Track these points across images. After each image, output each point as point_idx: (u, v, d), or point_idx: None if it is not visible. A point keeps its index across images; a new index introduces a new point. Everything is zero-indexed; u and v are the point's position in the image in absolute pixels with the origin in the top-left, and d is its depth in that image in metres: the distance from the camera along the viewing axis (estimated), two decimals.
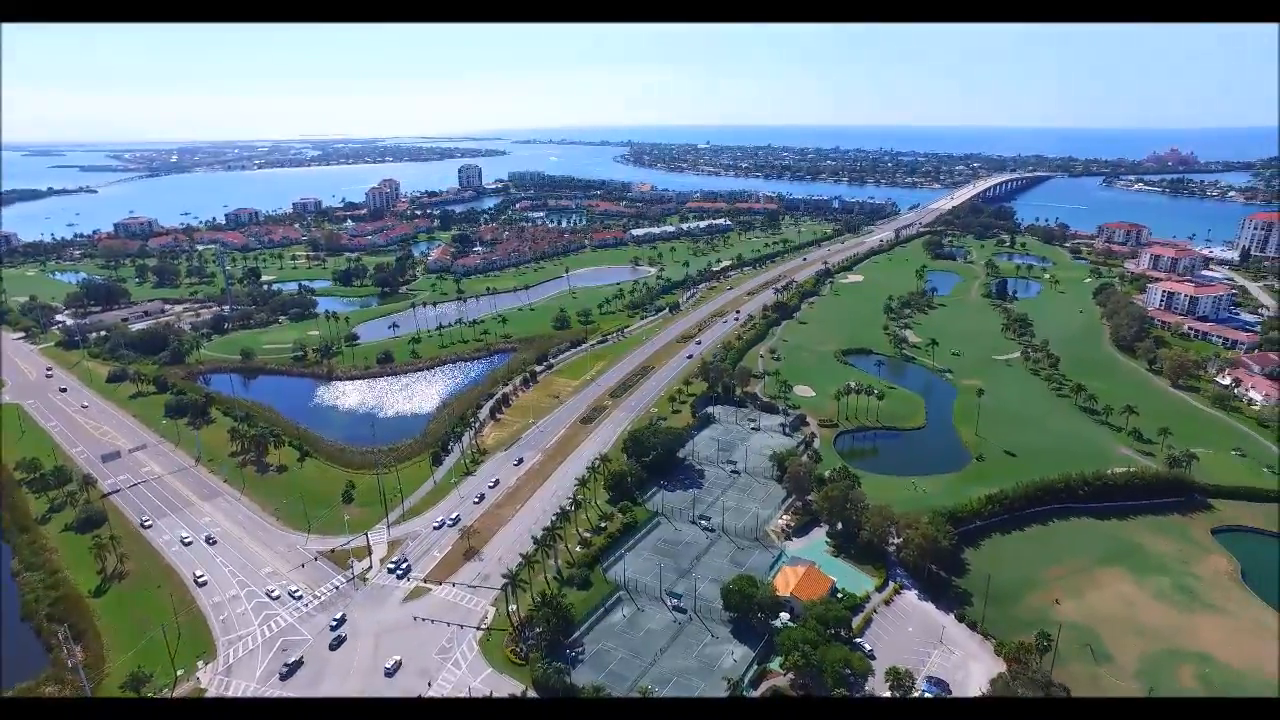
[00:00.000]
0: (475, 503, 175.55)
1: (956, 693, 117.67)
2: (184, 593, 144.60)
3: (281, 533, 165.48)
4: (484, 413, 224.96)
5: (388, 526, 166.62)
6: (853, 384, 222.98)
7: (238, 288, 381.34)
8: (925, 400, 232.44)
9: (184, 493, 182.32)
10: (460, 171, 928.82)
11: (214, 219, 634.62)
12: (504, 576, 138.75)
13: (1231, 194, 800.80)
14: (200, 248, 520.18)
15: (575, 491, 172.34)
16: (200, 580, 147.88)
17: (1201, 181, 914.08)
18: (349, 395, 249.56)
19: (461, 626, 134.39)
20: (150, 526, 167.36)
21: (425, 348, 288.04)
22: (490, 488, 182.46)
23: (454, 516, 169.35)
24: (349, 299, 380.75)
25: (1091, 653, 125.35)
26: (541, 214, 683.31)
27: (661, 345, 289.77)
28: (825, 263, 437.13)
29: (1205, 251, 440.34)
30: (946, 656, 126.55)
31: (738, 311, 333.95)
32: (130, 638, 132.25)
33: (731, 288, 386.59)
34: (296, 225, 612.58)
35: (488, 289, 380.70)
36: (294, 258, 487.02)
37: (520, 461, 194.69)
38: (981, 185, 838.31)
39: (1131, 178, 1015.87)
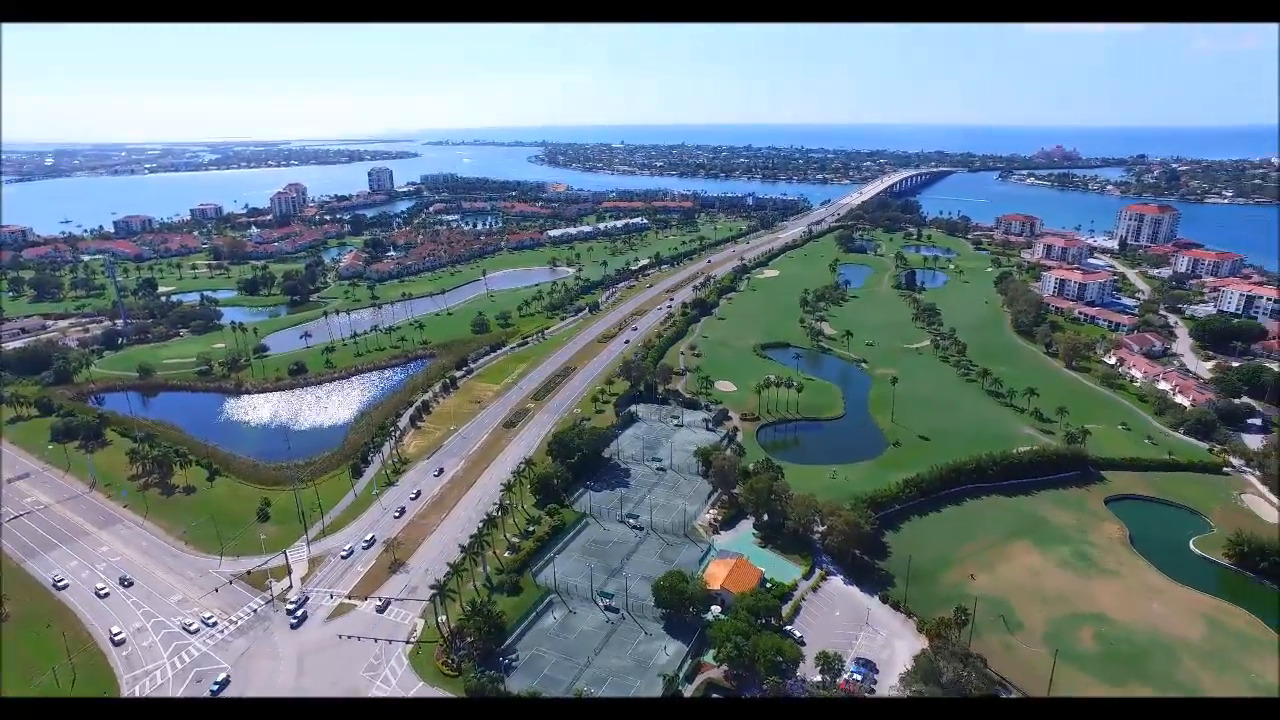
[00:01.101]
0: (398, 515, 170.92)
1: (883, 670, 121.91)
2: (78, 630, 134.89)
3: (192, 557, 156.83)
4: (404, 421, 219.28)
5: (308, 543, 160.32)
6: (772, 377, 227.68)
7: (131, 300, 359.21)
8: (843, 390, 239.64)
9: (77, 522, 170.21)
10: (370, 174, 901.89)
11: (101, 227, 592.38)
12: (432, 587, 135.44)
13: (1109, 188, 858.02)
14: (86, 258, 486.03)
15: (501, 497, 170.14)
16: (100, 615, 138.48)
17: (1083, 176, 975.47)
18: (260, 409, 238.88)
19: (390, 641, 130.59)
20: (36, 561, 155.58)
21: (340, 357, 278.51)
22: (413, 498, 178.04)
23: (373, 533, 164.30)
24: (256, 309, 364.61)
25: (1004, 622, 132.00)
26: (456, 217, 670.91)
27: (583, 345, 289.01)
28: (742, 259, 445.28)
29: (1090, 241, 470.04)
30: (873, 637, 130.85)
31: (657, 309, 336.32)
32: (16, 685, 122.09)
33: (651, 286, 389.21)
34: (195, 233, 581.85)
35: (403, 295, 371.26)
36: (194, 267, 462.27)
37: (440, 472, 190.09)
38: (888, 180, 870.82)
39: (1024, 172, 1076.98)
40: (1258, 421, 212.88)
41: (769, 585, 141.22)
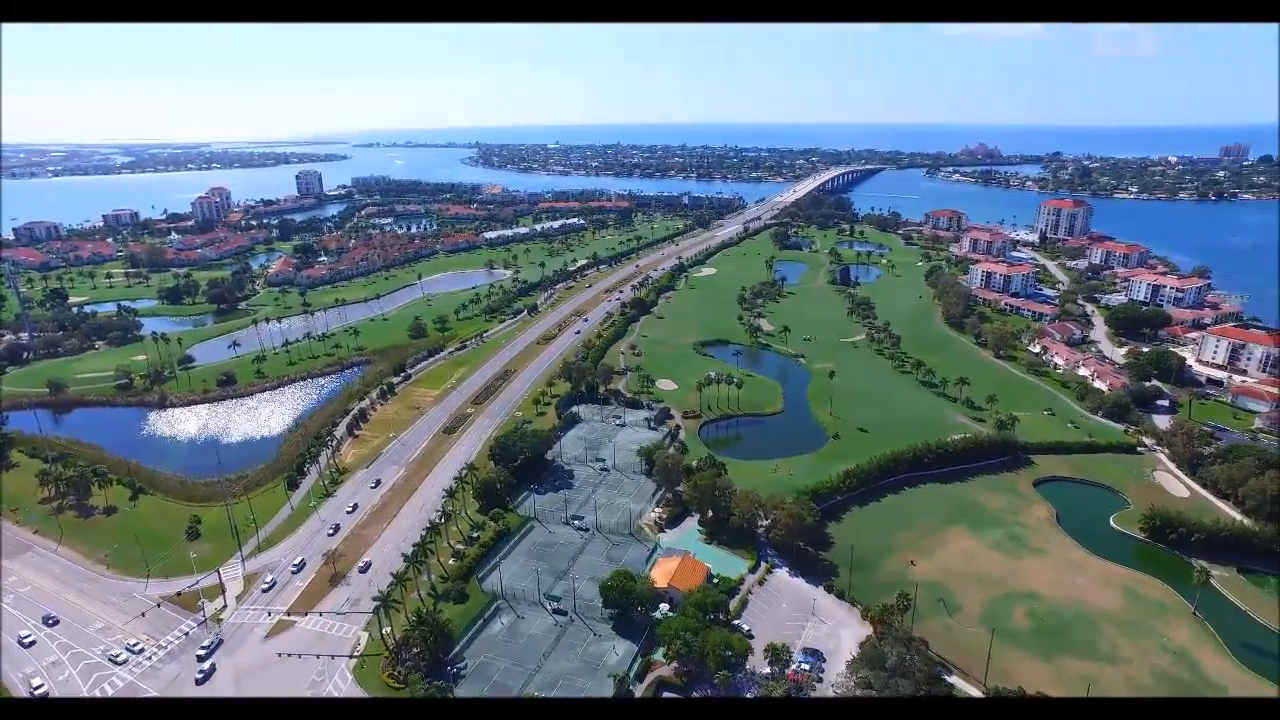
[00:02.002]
0: (333, 530, 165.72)
1: (830, 659, 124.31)
2: None
3: (114, 581, 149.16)
4: (341, 430, 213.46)
5: (242, 560, 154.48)
6: (713, 374, 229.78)
7: (38, 312, 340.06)
8: (782, 385, 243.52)
9: None
10: (299, 177, 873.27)
11: None
12: (375, 599, 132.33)
13: (1029, 184, 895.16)
14: None
15: (444, 504, 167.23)
16: (15, 659, 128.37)
17: (1005, 173, 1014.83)
18: (187, 423, 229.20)
19: (333, 657, 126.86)
20: None
21: (271, 366, 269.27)
22: (352, 509, 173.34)
23: (313, 544, 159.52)
24: (180, 318, 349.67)
25: (944, 605, 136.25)
26: (389, 220, 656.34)
27: (523, 348, 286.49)
28: (679, 258, 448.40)
29: (1013, 235, 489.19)
30: (819, 627, 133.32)
31: (597, 309, 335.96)
32: None
33: (590, 286, 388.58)
34: (110, 240, 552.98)
35: (336, 300, 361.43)
36: (109, 276, 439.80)
37: (377, 483, 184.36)
38: (821, 178, 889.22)
39: (950, 169, 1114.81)
40: (1165, 403, 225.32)
41: (716, 581, 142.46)
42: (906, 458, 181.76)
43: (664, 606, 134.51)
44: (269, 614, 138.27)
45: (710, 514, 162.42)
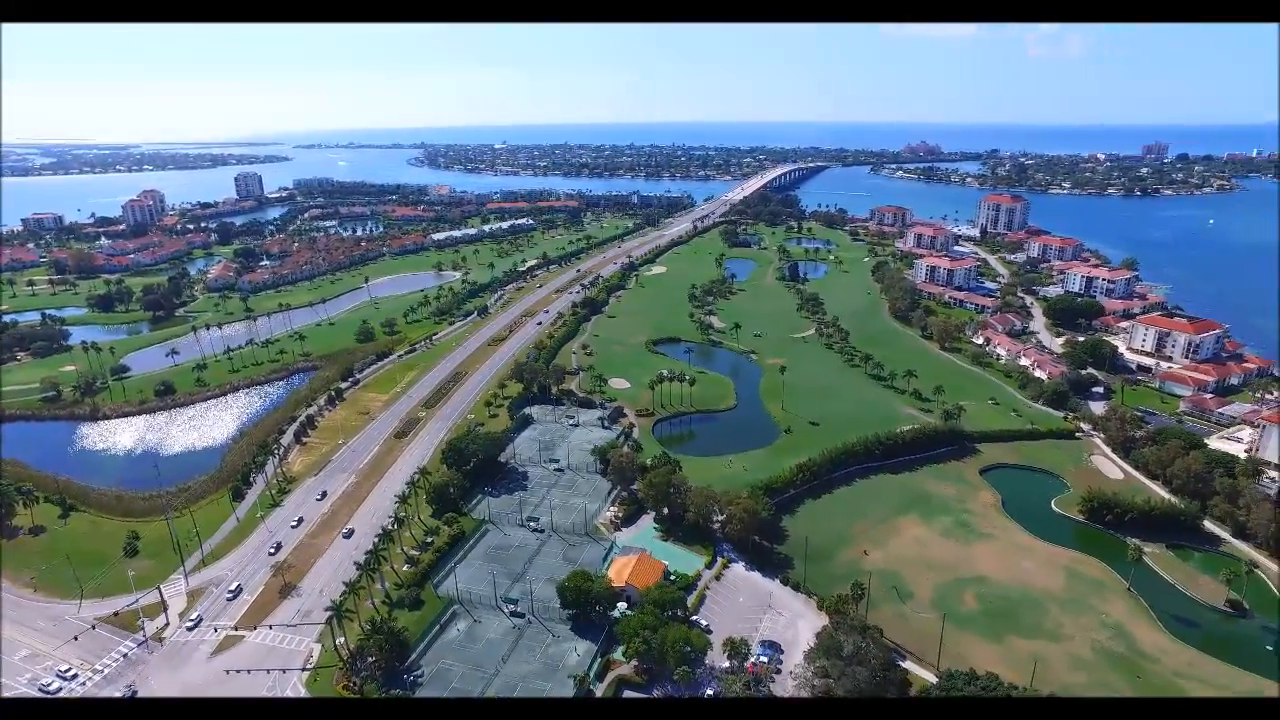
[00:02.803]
0: (280, 544, 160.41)
1: (788, 650, 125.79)
2: None
3: (42, 605, 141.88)
4: (288, 438, 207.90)
5: (185, 575, 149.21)
6: (665, 372, 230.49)
7: None
8: (734, 381, 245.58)
9: None
10: (238, 180, 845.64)
11: None
12: (327, 609, 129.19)
13: (969, 180, 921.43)
14: None
15: (396, 509, 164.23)
16: None
17: (946, 170, 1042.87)
18: (122, 435, 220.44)
19: (284, 671, 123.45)
20: None
21: (213, 374, 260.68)
22: (299, 522, 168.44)
23: (261, 556, 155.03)
24: (113, 327, 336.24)
25: (897, 593, 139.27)
26: (334, 223, 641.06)
27: (473, 350, 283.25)
28: (629, 256, 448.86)
29: (955, 229, 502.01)
30: (776, 619, 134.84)
31: (547, 309, 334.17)
32: None
33: (541, 286, 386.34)
34: (31, 245, 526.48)
35: (280, 305, 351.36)
36: (30, 283, 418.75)
37: (323, 496, 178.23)
38: (769, 175, 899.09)
39: (894, 166, 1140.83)
40: (1100, 389, 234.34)
41: (673, 578, 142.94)
42: (858, 450, 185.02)
43: (622, 605, 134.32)
44: (215, 630, 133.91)
45: (666, 511, 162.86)
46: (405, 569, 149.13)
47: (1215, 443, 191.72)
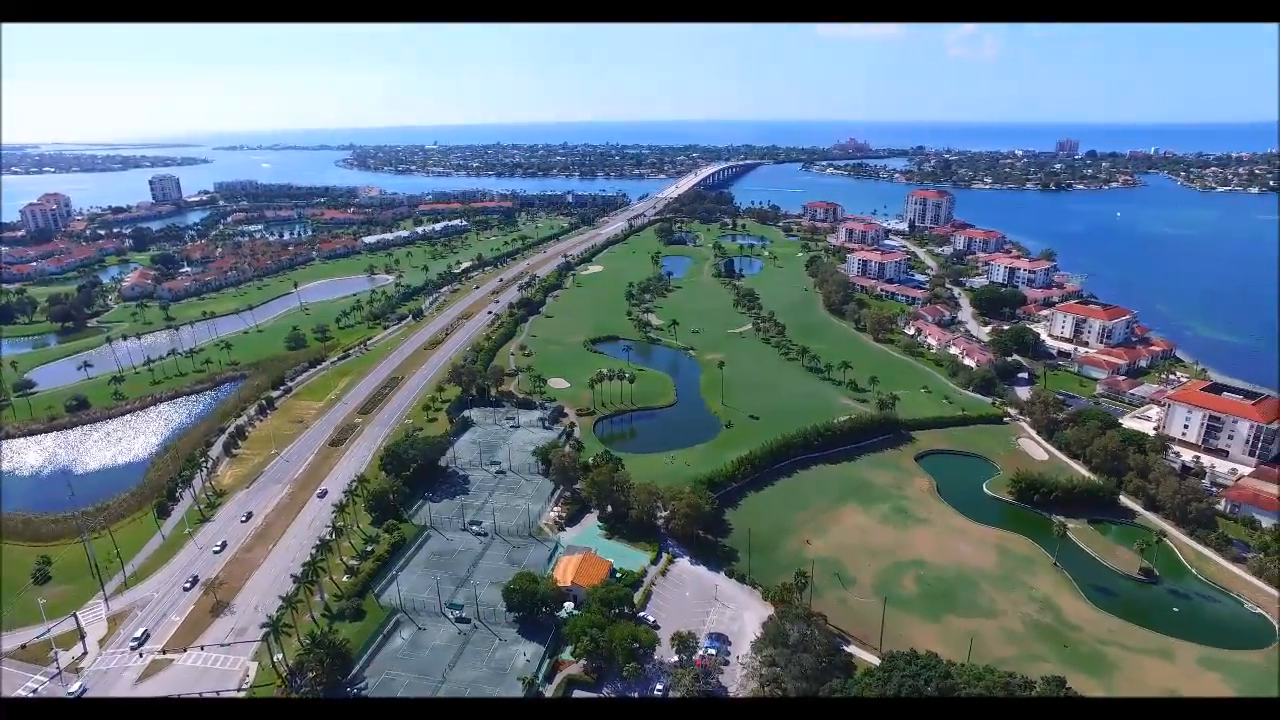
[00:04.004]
0: (216, 551, 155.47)
1: (735, 641, 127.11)
2: None
3: None
4: (216, 450, 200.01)
5: (105, 600, 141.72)
6: (604, 371, 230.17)
7: None
8: (674, 378, 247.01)
9: None
10: (153, 183, 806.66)
11: None
12: (263, 625, 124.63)
13: (896, 176, 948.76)
14: None
15: (334, 519, 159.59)
16: None
17: (874, 166, 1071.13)
18: (29, 455, 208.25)
19: (218, 693, 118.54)
20: None
21: (132, 386, 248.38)
22: (224, 543, 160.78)
23: (190, 574, 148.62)
24: (15, 340, 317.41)
25: (839, 580, 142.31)
26: (259, 227, 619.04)
27: (409, 354, 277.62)
28: (565, 256, 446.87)
29: (884, 224, 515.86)
30: (722, 611, 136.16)
31: (486, 310, 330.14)
32: None
33: (476, 288, 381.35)
34: None
35: (205, 313, 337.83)
36: None
37: (249, 517, 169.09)
38: (702, 174, 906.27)
39: (824, 163, 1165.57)
40: (1025, 375, 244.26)
41: (619, 575, 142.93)
42: (797, 441, 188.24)
43: (568, 605, 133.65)
44: (141, 655, 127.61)
45: (609, 509, 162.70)
46: (345, 579, 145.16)
47: (1128, 422, 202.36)
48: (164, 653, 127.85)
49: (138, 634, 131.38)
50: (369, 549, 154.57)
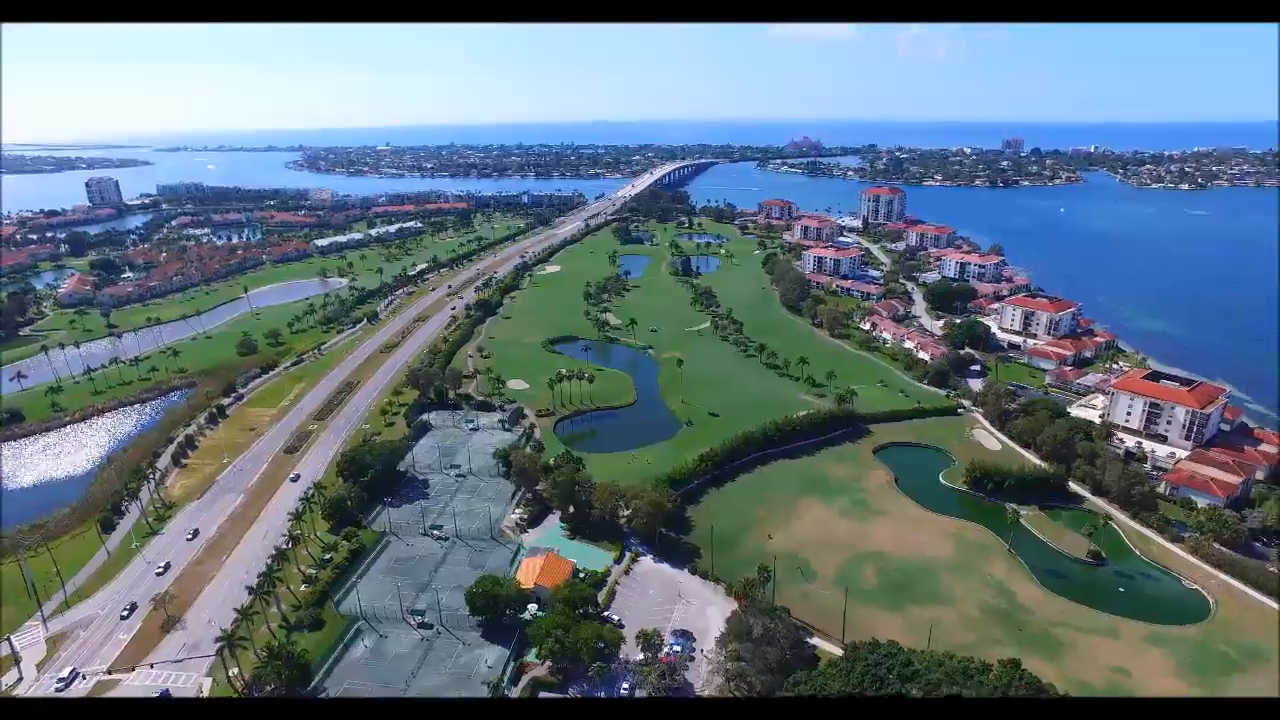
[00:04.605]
0: (162, 571, 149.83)
1: (700, 638, 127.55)
2: None
3: None
4: (165, 460, 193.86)
5: (43, 621, 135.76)
6: (563, 371, 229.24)
7: None
8: (633, 377, 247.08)
9: None
10: (90, 185, 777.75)
11: None
12: (218, 640, 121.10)
13: (850, 173, 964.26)
14: None
15: (290, 527, 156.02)
16: None
17: (828, 164, 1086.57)
18: None
19: None
20: None
21: (71, 398, 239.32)
22: (165, 564, 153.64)
23: (138, 589, 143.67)
24: None
25: (801, 573, 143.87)
26: (206, 230, 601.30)
27: (365, 358, 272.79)
28: (522, 256, 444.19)
29: (839, 221, 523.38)
30: (687, 608, 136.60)
31: (449, 306, 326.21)
32: None
33: (432, 290, 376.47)
34: None
35: (150, 320, 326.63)
36: None
37: (194, 535, 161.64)
38: (658, 173, 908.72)
39: (779, 161, 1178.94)
40: (977, 367, 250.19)
41: (582, 575, 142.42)
42: (757, 437, 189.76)
43: (532, 607, 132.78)
44: (83, 677, 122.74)
45: (571, 509, 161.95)
46: (303, 589, 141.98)
47: (1075, 410, 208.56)
48: (109, 673, 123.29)
49: (64, 674, 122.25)
50: (327, 557, 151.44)
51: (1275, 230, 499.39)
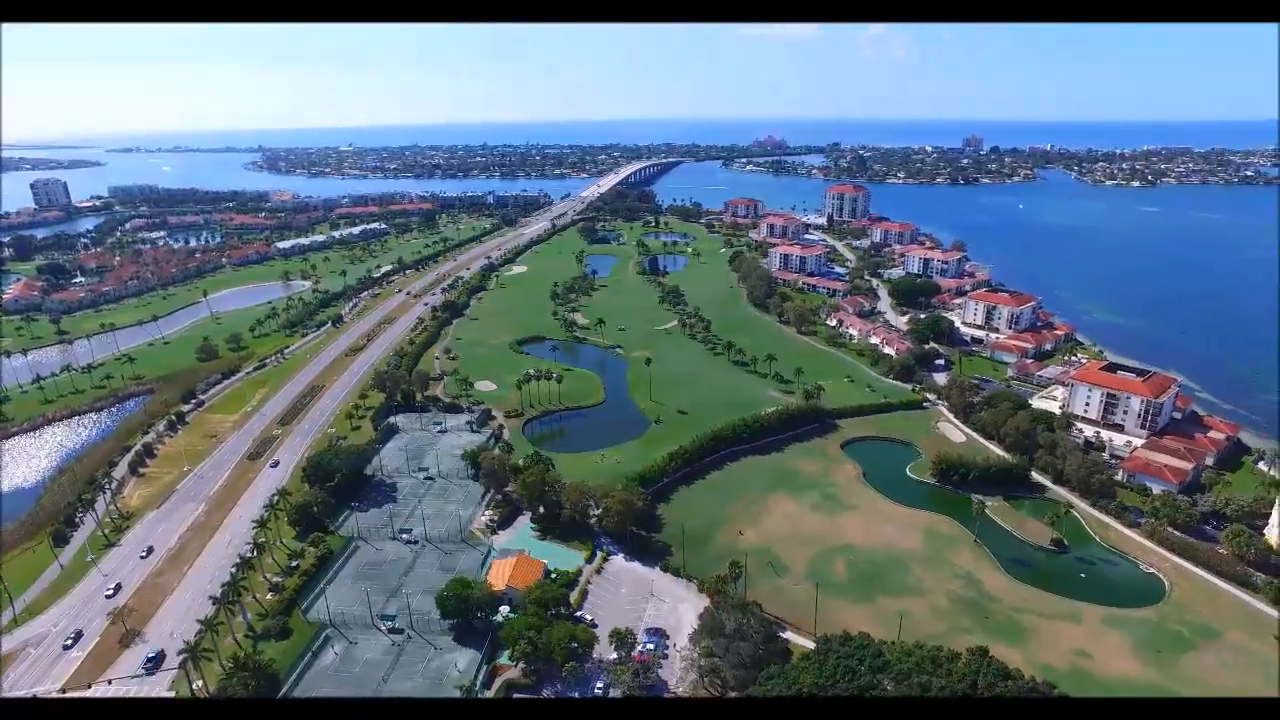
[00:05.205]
0: (118, 587, 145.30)
1: (673, 635, 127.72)
2: None
3: None
4: (121, 469, 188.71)
5: None
6: (531, 371, 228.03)
7: None
8: (601, 376, 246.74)
9: None
10: (35, 187, 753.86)
11: None
12: (181, 652, 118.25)
13: (814, 172, 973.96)
14: None
15: (255, 535, 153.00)
16: None
17: (793, 163, 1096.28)
18: None
19: None
20: None
21: (20, 406, 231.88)
22: (142, 557, 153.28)
23: (95, 604, 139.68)
24: None
25: (772, 568, 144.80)
26: (162, 233, 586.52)
27: (329, 361, 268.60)
28: (488, 257, 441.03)
29: (804, 219, 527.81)
30: (659, 606, 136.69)
31: (415, 308, 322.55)
32: None
33: (398, 292, 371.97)
34: None
35: (103, 326, 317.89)
36: None
37: (150, 551, 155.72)
38: (624, 172, 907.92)
39: (744, 160, 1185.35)
40: (942, 361, 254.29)
41: (554, 576, 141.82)
42: (726, 434, 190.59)
43: (504, 609, 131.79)
44: (34, 696, 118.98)
45: (542, 510, 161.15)
46: (269, 597, 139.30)
47: (1037, 402, 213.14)
48: (63, 692, 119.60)
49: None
50: (294, 564, 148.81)
51: (1222, 226, 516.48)
